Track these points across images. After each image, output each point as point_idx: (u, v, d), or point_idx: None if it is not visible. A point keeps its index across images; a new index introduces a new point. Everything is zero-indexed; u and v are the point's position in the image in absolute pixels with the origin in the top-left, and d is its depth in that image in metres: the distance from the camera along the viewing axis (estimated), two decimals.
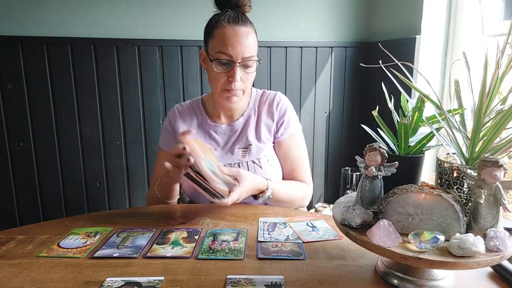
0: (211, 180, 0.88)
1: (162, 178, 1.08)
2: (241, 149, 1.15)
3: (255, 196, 1.04)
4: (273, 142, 1.19)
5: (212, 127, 1.19)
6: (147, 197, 1.21)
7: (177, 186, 1.13)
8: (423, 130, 0.74)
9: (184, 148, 0.91)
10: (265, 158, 1.15)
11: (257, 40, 1.09)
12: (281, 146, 1.18)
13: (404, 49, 1.78)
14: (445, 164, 0.66)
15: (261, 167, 1.13)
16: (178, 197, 1.17)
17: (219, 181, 0.90)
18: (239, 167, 1.13)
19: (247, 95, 1.21)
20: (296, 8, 2.11)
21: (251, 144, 1.15)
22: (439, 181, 0.68)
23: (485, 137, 0.64)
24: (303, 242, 0.83)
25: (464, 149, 0.67)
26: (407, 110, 0.75)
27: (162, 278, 0.69)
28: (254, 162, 1.13)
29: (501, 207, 0.58)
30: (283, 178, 1.21)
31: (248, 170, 1.12)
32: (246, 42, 1.03)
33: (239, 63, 1.03)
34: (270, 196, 1.05)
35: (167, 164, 0.93)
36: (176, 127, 1.19)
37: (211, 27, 1.06)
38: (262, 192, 1.04)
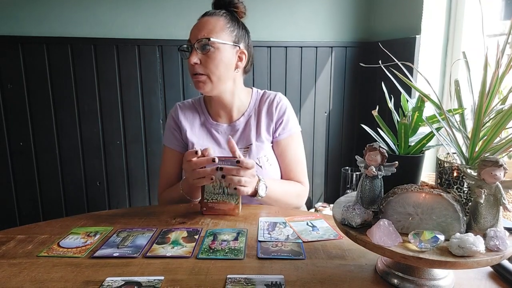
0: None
1: (186, 179, 1.06)
2: (242, 149, 1.16)
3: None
4: (272, 142, 1.20)
5: (214, 126, 1.20)
6: (159, 198, 1.21)
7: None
8: (423, 130, 0.74)
9: (196, 152, 0.94)
10: (264, 158, 1.15)
11: (227, 28, 1.10)
12: (279, 146, 1.19)
13: (404, 49, 1.78)
14: (445, 164, 0.66)
15: (261, 166, 1.13)
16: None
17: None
18: None
19: (247, 94, 1.22)
20: (296, 8, 2.11)
21: (251, 144, 1.16)
22: (439, 180, 0.68)
23: (485, 137, 0.64)
24: (303, 241, 0.83)
25: (464, 149, 0.67)
26: (407, 110, 0.75)
27: (162, 277, 0.69)
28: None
29: (501, 207, 0.58)
30: (281, 178, 1.21)
31: None
32: (203, 26, 1.08)
33: (193, 45, 1.07)
34: (266, 186, 1.04)
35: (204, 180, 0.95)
36: (179, 122, 1.20)
37: None
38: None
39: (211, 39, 1.06)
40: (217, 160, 0.94)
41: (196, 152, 0.94)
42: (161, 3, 2.00)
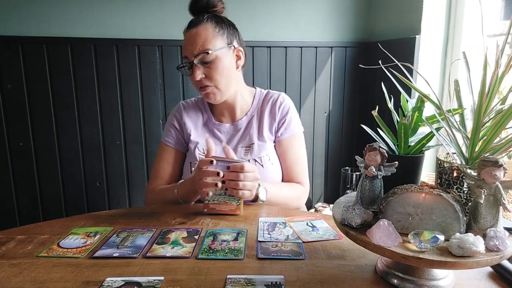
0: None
1: (185, 183, 1.07)
2: (244, 148, 1.16)
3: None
4: (274, 142, 1.20)
5: (216, 126, 1.20)
6: (147, 196, 1.19)
7: None
8: (423, 130, 0.74)
9: (211, 162, 0.94)
10: (266, 157, 1.15)
11: (218, 32, 1.08)
12: (280, 146, 1.19)
13: (404, 49, 1.78)
14: (445, 164, 0.66)
15: (262, 165, 1.13)
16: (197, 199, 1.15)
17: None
18: None
19: (250, 94, 1.22)
20: (296, 8, 2.11)
21: (253, 143, 1.16)
22: (439, 181, 0.68)
23: (485, 137, 0.64)
24: (303, 242, 0.83)
25: (464, 149, 0.67)
26: (407, 110, 0.75)
27: (162, 278, 0.69)
28: (255, 161, 1.14)
29: (501, 207, 0.58)
30: (282, 178, 1.21)
31: None
32: (195, 40, 1.07)
33: (193, 61, 1.06)
34: (266, 190, 1.03)
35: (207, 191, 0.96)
36: (182, 123, 1.20)
37: None
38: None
39: (209, 52, 1.05)
40: (214, 162, 0.95)
41: (211, 162, 0.94)
42: (161, 3, 2.00)
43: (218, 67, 1.07)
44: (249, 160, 1.14)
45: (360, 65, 0.93)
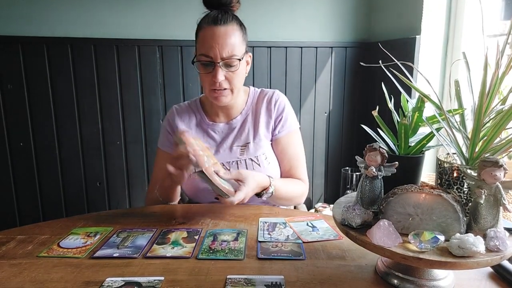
0: (214, 180, 0.88)
1: (164, 181, 1.08)
2: (239, 147, 1.16)
3: (258, 194, 1.04)
4: (271, 140, 1.20)
5: (210, 126, 1.19)
6: (146, 199, 1.21)
7: (179, 188, 1.13)
8: (423, 130, 0.74)
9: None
10: (263, 156, 1.15)
11: (243, 37, 1.07)
12: (279, 144, 1.19)
13: (404, 49, 1.78)
14: (445, 164, 0.66)
15: (259, 165, 1.13)
16: (179, 198, 1.17)
17: (223, 181, 0.91)
18: (238, 165, 1.13)
19: (244, 93, 1.22)
20: (296, 8, 2.11)
21: (249, 142, 1.16)
22: (439, 181, 0.68)
23: (485, 137, 0.64)
24: (303, 242, 0.83)
25: (464, 149, 0.67)
26: (407, 110, 0.75)
27: (162, 278, 0.69)
28: (252, 160, 1.14)
29: (501, 207, 0.58)
30: (281, 176, 1.21)
31: (247, 168, 1.12)
32: (225, 42, 1.02)
33: (219, 63, 1.03)
34: (273, 193, 1.05)
35: (170, 168, 0.90)
36: (174, 127, 1.19)
37: (197, 29, 1.08)
38: (265, 189, 1.04)
39: (240, 59, 1.04)
40: (194, 159, 0.87)
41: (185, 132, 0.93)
42: (161, 3, 2.00)
43: (239, 72, 1.07)
44: (245, 160, 1.14)
45: (361, 63, 0.92)
